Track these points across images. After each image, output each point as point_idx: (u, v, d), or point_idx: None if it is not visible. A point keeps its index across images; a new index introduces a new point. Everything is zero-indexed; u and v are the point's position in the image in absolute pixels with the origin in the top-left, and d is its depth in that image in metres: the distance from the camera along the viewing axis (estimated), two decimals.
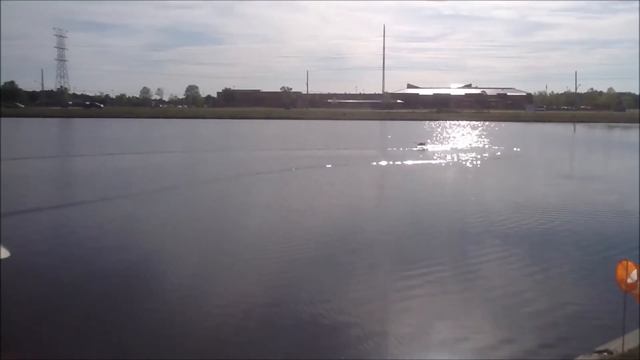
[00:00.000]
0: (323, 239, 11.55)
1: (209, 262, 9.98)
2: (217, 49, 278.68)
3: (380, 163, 26.76)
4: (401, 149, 34.84)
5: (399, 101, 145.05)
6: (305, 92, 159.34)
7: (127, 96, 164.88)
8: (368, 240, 11.64)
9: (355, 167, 25.37)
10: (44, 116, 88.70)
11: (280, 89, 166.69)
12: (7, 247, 9.83)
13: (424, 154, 31.87)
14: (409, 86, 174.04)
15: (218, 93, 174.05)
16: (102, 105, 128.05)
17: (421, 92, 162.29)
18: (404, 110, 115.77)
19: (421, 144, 36.74)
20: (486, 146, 39.15)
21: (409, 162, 27.28)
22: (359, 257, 10.27)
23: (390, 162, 26.86)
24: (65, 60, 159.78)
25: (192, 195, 17.97)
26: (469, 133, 57.45)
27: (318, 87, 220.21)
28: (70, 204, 15.71)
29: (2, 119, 71.92)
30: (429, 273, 9.14)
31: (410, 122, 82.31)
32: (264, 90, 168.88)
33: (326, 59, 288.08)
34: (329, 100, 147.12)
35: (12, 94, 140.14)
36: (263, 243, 11.15)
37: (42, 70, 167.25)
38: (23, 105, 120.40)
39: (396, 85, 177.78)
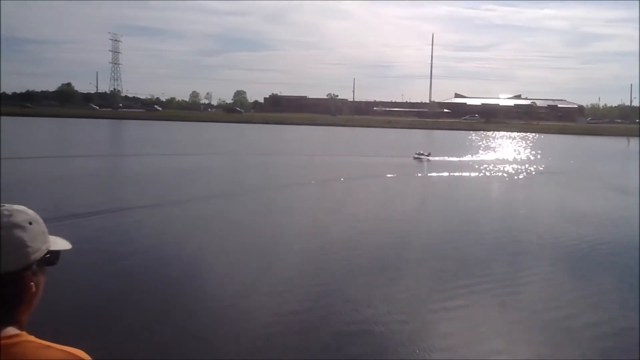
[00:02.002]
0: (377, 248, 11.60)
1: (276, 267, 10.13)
2: (265, 55, 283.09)
3: (428, 174, 26.59)
4: (445, 158, 34.59)
5: (445, 110, 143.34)
6: (351, 100, 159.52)
7: (177, 99, 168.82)
8: (422, 251, 11.60)
9: (402, 176, 25.24)
10: (101, 117, 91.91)
11: (327, 95, 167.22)
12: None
13: (470, 165, 31.45)
14: (457, 95, 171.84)
15: (265, 98, 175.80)
16: (160, 108, 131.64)
17: (469, 101, 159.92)
18: (450, 120, 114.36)
19: (421, 153, 34.23)
20: (536, 158, 38.35)
21: (456, 174, 26.99)
22: (416, 265, 10.28)
23: (438, 174, 26.66)
24: (119, 64, 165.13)
25: (274, 199, 18.33)
26: (518, 145, 56.36)
27: (364, 95, 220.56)
28: (140, 206, 16.05)
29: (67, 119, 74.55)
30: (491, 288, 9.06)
31: (456, 132, 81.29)
32: (310, 97, 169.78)
33: (373, 66, 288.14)
34: (374, 108, 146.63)
35: (68, 96, 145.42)
36: (329, 250, 11.29)
37: (97, 72, 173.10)
38: (97, 107, 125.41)
39: (443, 94, 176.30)
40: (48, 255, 1.45)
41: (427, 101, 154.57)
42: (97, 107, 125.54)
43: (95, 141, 45.65)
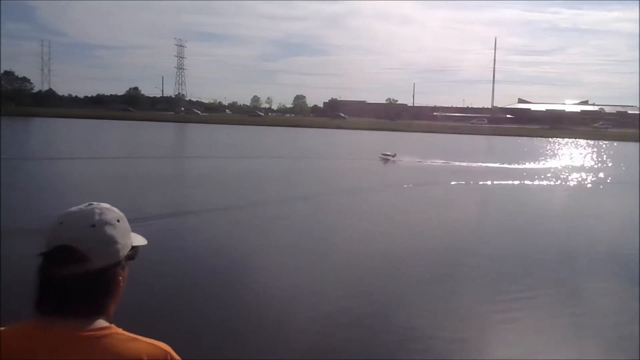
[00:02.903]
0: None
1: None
2: (324, 59, 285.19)
3: (495, 181, 26.07)
4: (507, 166, 33.77)
5: (508, 116, 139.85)
6: (411, 105, 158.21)
7: (238, 104, 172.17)
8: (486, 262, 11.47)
9: (469, 184, 24.82)
10: (165, 120, 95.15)
11: (386, 100, 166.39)
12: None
13: (535, 173, 30.57)
14: (520, 101, 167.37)
15: (324, 103, 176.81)
16: (229, 112, 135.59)
17: (533, 107, 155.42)
18: (513, 126, 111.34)
19: (386, 154, 34.18)
20: (604, 167, 36.90)
21: (516, 182, 26.31)
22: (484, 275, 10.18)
23: (504, 182, 26.10)
24: (183, 69, 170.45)
25: (345, 203, 18.58)
26: (584, 152, 54.40)
27: (424, 100, 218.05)
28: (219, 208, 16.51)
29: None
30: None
31: (520, 138, 79.12)
32: (369, 102, 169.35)
33: (433, 71, 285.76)
34: (434, 113, 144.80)
35: (135, 99, 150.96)
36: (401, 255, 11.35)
37: (162, 77, 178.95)
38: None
39: (506, 99, 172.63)
40: (131, 251, 1.54)
41: (490, 106, 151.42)
42: (183, 109, 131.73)
43: (162, 143, 47.21)
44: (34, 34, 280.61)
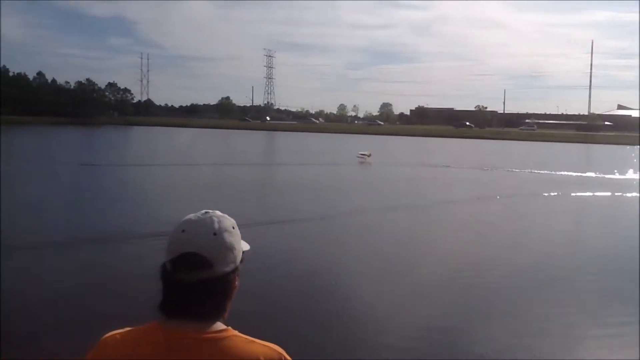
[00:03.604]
0: None
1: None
2: (412, 67, 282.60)
3: (596, 192, 24.96)
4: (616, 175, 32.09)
5: (607, 123, 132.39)
6: (501, 112, 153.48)
7: (325, 112, 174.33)
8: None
9: (564, 195, 23.94)
10: (254, 129, 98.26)
11: (475, 107, 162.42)
12: None
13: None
14: (620, 107, 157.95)
15: (411, 110, 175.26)
16: (319, 120, 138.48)
17: (634, 113, 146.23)
18: (612, 134, 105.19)
19: (363, 154, 35.60)
20: None
21: (617, 193, 24.98)
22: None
23: (603, 193, 24.93)
24: (272, 78, 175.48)
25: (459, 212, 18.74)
26: None
27: (515, 106, 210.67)
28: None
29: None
30: None
31: (620, 146, 74.58)
32: (457, 109, 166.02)
33: (524, 77, 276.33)
34: (526, 121, 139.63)
35: (226, 109, 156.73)
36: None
37: (252, 87, 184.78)
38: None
39: (604, 105, 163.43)
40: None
41: (586, 113, 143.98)
42: (268, 119, 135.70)
43: (255, 150, 48.74)
44: (135, 48, 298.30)
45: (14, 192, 19.11)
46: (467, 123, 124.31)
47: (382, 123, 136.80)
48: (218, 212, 1.58)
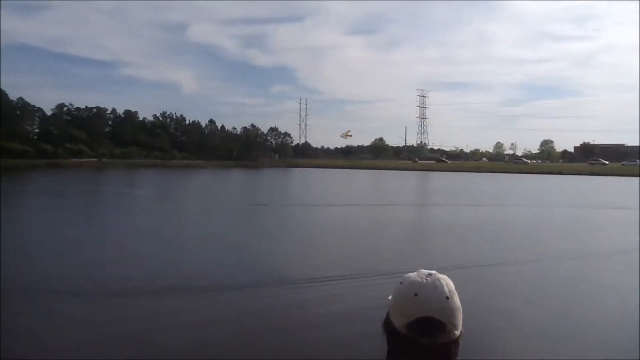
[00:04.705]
0: None
1: None
2: (574, 101, 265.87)
3: None
4: None
5: None
6: None
7: (480, 151, 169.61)
8: None
9: None
10: (405, 169, 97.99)
11: None
12: None
13: None
14: None
15: (575, 147, 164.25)
16: (485, 159, 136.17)
17: None
18: None
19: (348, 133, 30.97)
20: None
21: None
22: None
23: None
24: (425, 118, 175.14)
25: None
26: None
27: None
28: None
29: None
30: None
31: None
32: (628, 144, 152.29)
33: None
34: None
35: (380, 149, 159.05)
36: None
37: (405, 127, 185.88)
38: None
39: None
40: None
41: None
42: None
43: (449, 191, 48.09)
44: (294, 94, 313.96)
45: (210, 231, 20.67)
46: (601, 160, 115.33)
47: (528, 161, 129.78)
48: (440, 274, 1.58)
